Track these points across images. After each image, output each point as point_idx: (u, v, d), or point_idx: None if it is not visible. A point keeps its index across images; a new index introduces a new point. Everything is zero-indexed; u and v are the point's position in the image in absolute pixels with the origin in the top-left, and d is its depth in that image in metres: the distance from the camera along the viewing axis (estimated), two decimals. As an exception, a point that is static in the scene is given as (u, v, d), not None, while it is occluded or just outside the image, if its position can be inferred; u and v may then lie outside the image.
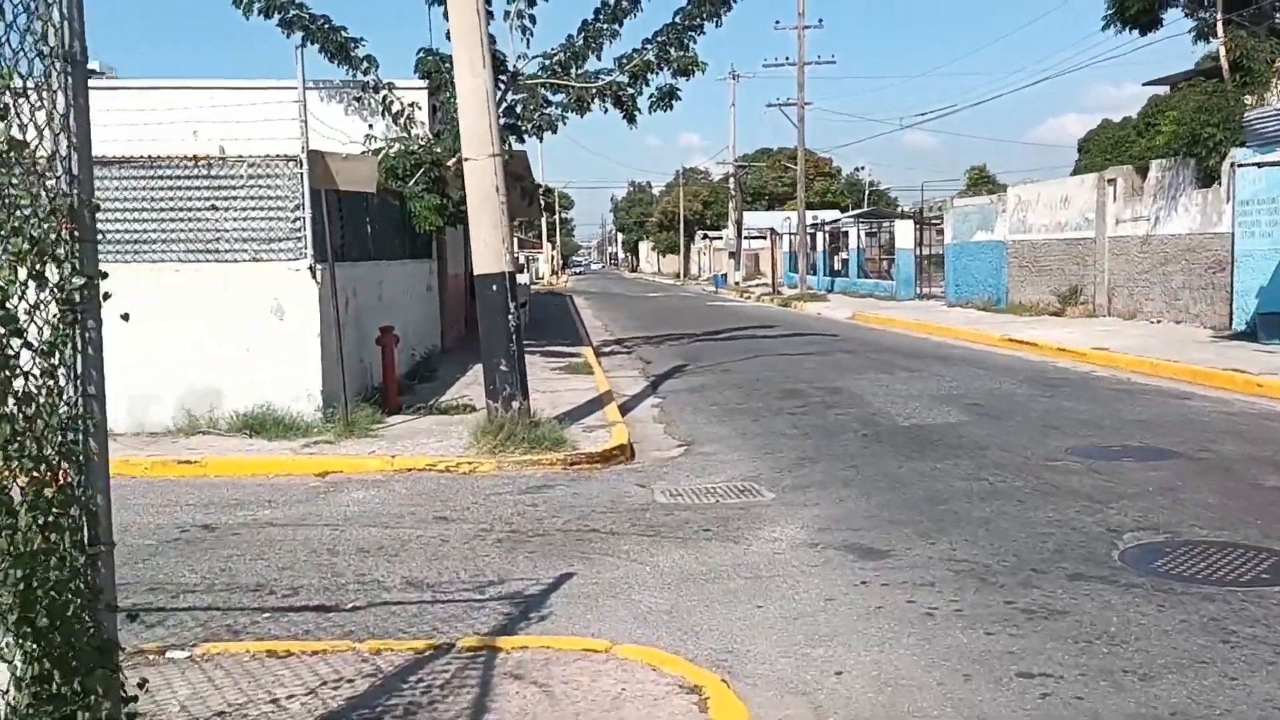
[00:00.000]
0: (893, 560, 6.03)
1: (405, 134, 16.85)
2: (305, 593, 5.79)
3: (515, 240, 13.99)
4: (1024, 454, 8.89)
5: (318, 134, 15.41)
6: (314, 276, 9.92)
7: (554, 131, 18.43)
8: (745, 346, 20.05)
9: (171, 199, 9.91)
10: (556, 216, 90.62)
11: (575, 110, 18.06)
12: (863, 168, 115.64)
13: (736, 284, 54.41)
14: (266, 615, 5.45)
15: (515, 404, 9.40)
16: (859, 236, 41.68)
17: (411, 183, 15.43)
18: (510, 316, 9.34)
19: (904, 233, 35.86)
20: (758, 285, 54.41)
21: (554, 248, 75.39)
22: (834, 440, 9.89)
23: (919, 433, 10.08)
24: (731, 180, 57.24)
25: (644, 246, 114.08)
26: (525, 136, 18.51)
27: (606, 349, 21.10)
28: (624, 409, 12.29)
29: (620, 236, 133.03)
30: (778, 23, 38.66)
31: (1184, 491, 7.43)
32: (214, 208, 9.91)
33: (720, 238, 76.44)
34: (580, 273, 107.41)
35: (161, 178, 9.85)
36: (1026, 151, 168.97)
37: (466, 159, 9.44)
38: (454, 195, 17.46)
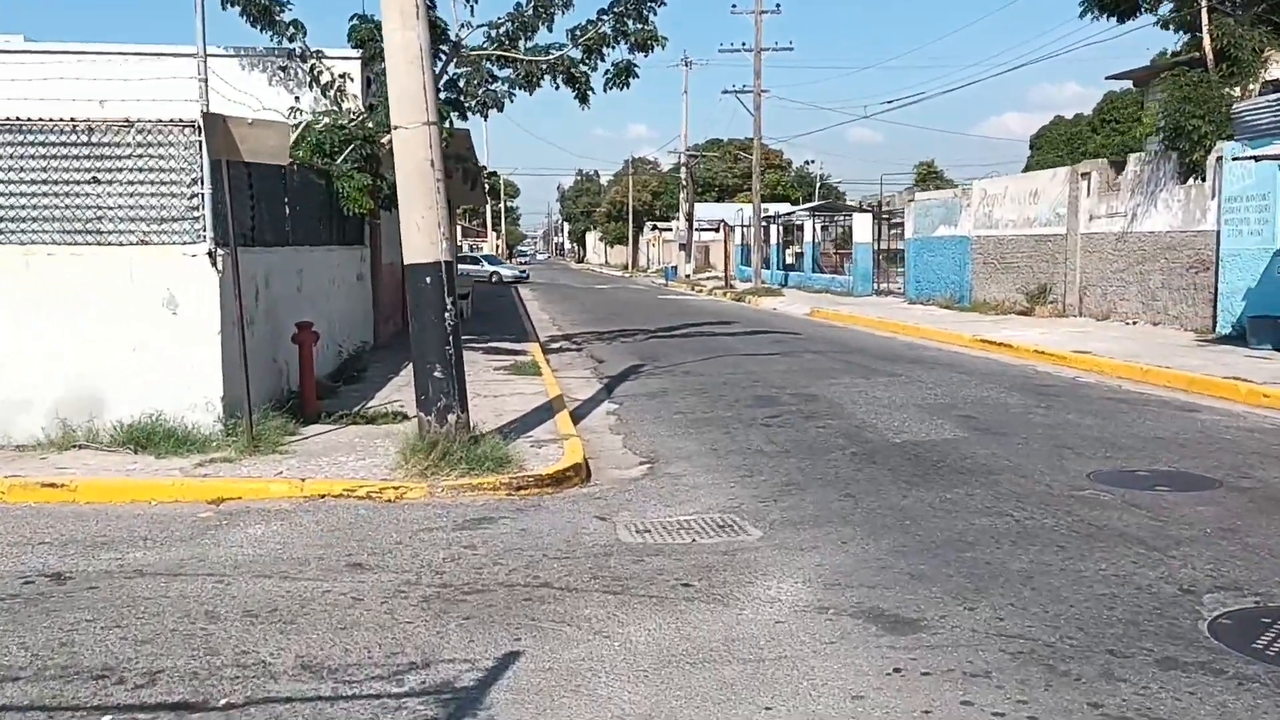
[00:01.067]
0: (927, 634, 4.75)
1: (335, 108, 15.29)
2: (166, 681, 4.36)
3: (456, 225, 12.30)
4: (1043, 481, 7.69)
5: (240, 105, 13.84)
6: (214, 263, 8.42)
7: (500, 109, 16.98)
8: (705, 345, 18.77)
9: (44, 169, 8.33)
10: (502, 204, 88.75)
11: (523, 87, 16.61)
12: (812, 160, 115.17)
13: (687, 276, 53.21)
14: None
15: (452, 416, 8.00)
16: (814, 230, 40.64)
17: (340, 160, 13.89)
18: (447, 314, 7.93)
19: (862, 227, 34.87)
20: (709, 278, 53.25)
21: (498, 236, 73.56)
22: (820, 460, 8.62)
23: (916, 451, 8.84)
24: (683, 170, 55.99)
25: (591, 237, 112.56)
26: (468, 114, 17.01)
27: (555, 345, 19.71)
28: (576, 417, 10.93)
29: (567, 226, 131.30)
30: (734, 6, 37.32)
31: (1249, 534, 6.26)
32: (95, 180, 8.36)
33: (670, 229, 75.22)
34: (526, 263, 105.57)
35: (32, 144, 8.27)
36: (970, 147, 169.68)
37: (396, 127, 8.00)
38: (388, 176, 15.95)
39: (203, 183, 8.37)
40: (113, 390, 8.38)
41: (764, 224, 48.88)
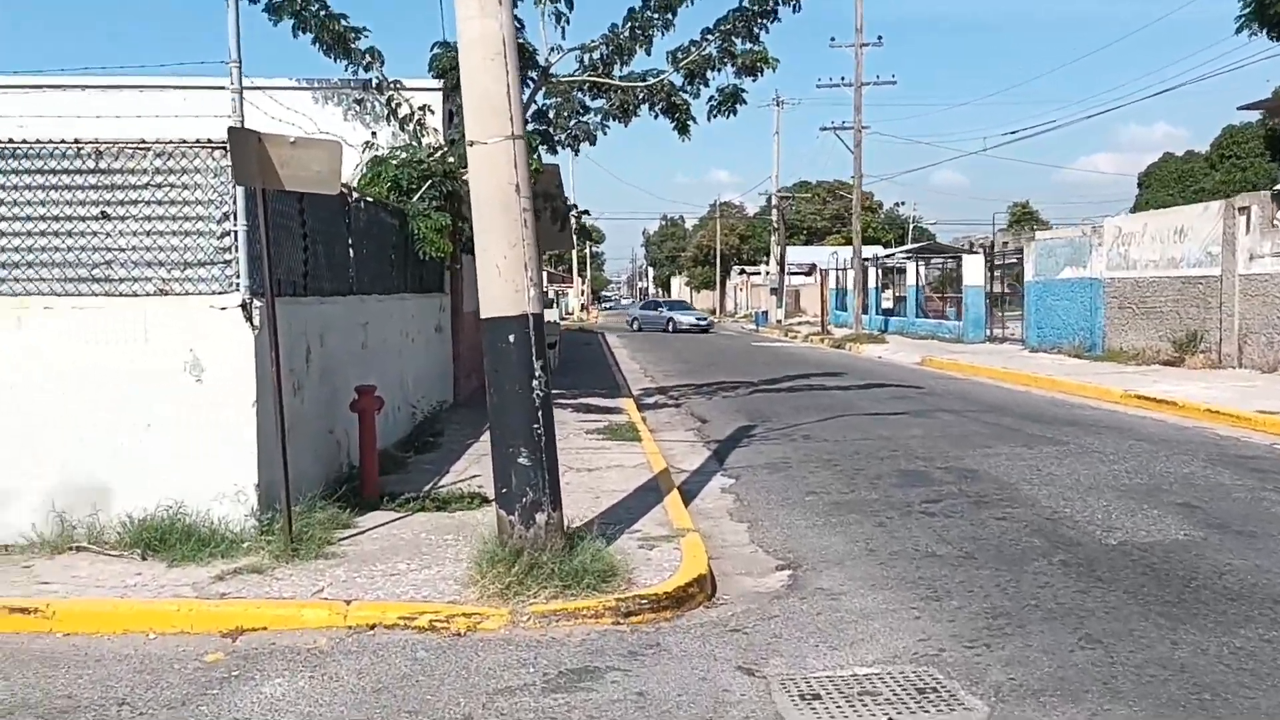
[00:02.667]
0: None
1: (415, 142, 13.78)
2: None
3: (542, 269, 10.46)
4: (1358, 615, 5.53)
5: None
6: (248, 317, 6.75)
7: (592, 143, 15.31)
8: (818, 401, 16.72)
9: (43, 203, 6.77)
10: (587, 248, 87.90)
11: (618, 117, 14.94)
12: (903, 202, 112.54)
13: (779, 322, 51.11)
14: None
15: (541, 516, 6.15)
16: (918, 273, 38.31)
17: (416, 198, 12.31)
18: (535, 382, 6.11)
19: (973, 269, 32.49)
20: (801, 323, 51.12)
21: (584, 281, 72.43)
22: (1022, 573, 6.54)
23: (1147, 561, 6.72)
24: (774, 212, 54.07)
25: (676, 282, 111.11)
26: (557, 148, 15.39)
27: (649, 400, 17.85)
28: (686, 495, 9.03)
29: (651, 272, 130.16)
30: (833, 40, 35.54)
31: None
32: (104, 215, 6.77)
33: (758, 273, 73.34)
34: (611, 308, 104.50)
35: (27, 171, 6.71)
36: (1058, 189, 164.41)
37: (472, 143, 6.27)
38: (469, 216, 14.36)
39: (235, 218, 6.72)
40: (122, 477, 6.73)
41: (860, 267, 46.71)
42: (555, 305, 53.67)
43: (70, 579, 6.08)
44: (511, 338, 6.11)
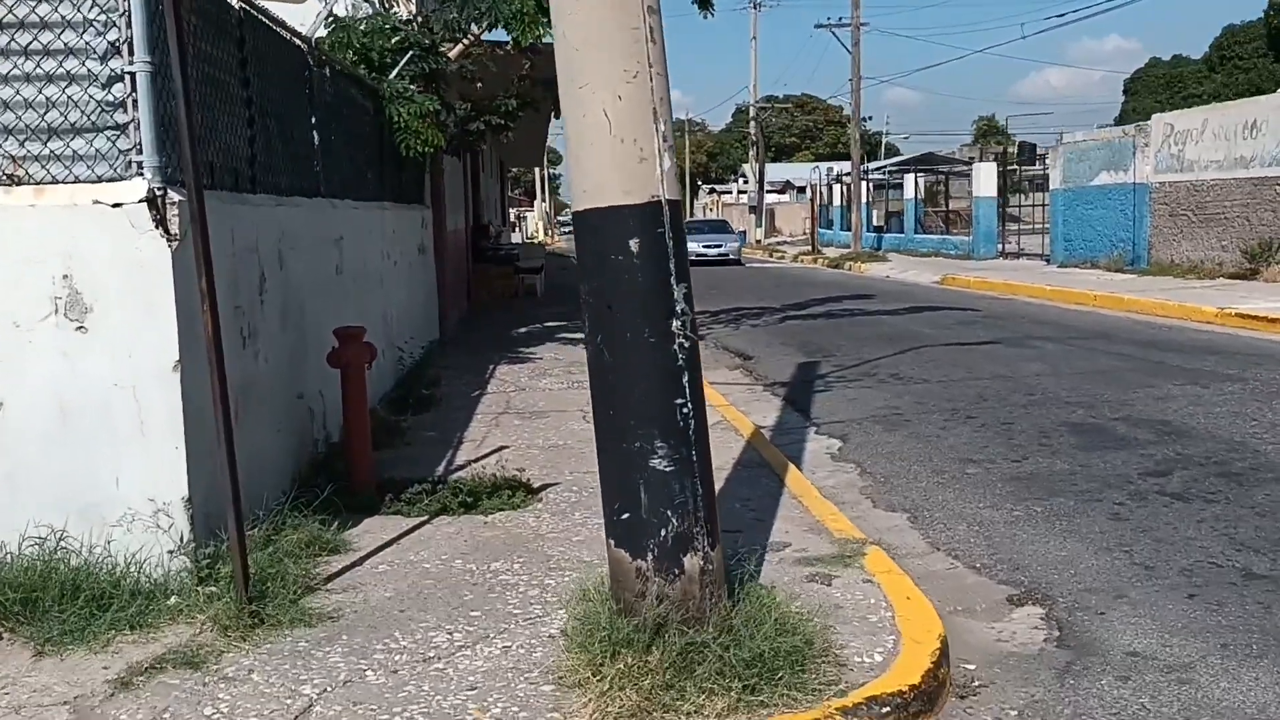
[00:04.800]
0: None
1: (384, 6, 10.79)
2: None
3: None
4: None
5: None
6: (160, 220, 3.96)
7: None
8: (874, 329, 14.14)
9: None
10: (541, 172, 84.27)
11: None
12: (869, 117, 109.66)
13: (758, 242, 48.40)
14: None
15: (692, 559, 3.48)
16: (916, 185, 35.68)
17: (394, 74, 9.40)
18: (677, 324, 3.42)
19: (985, 178, 29.92)
20: (782, 243, 48.48)
21: (548, 204, 69.04)
22: None
23: None
24: (752, 125, 50.96)
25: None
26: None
27: (666, 331, 15.16)
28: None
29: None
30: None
31: None
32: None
33: (729, 192, 70.39)
34: (570, 231, 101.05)
35: None
36: (1013, 106, 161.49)
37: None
38: (456, 106, 11.50)
39: (129, 49, 3.90)
40: (-44, 494, 3.98)
41: (844, 182, 44.01)
42: (517, 228, 50.66)
43: None
44: (635, 245, 3.39)
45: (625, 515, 3.47)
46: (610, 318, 3.44)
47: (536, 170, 56.89)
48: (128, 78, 3.95)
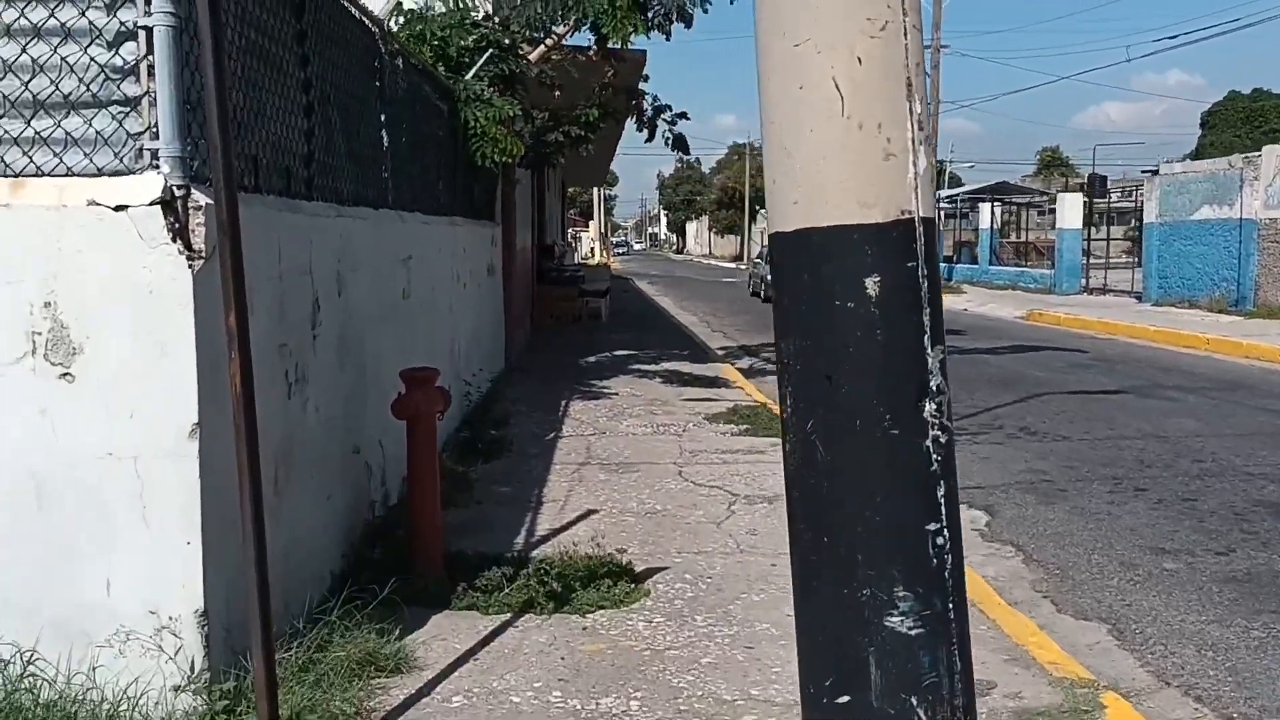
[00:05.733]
0: None
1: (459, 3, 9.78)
2: None
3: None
4: None
5: None
6: (179, 231, 2.87)
7: (687, 24, 11.24)
8: (973, 369, 12.82)
9: None
10: (600, 192, 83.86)
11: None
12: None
13: (820, 269, 46.88)
14: None
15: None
16: (993, 215, 34.19)
17: (471, 74, 8.36)
18: (930, 408, 2.24)
19: (1070, 209, 28.42)
20: (844, 271, 46.90)
21: (602, 225, 68.21)
22: None
23: None
24: (817, 149, 49.62)
25: (691, 227, 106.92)
26: (650, 26, 11.36)
27: (741, 363, 14.01)
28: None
29: (665, 216, 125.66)
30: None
31: None
32: None
33: (789, 217, 69.03)
34: (623, 253, 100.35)
35: None
36: (1073, 137, 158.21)
37: None
38: (535, 116, 10.47)
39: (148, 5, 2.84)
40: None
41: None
42: (572, 250, 49.76)
43: None
44: (874, 285, 2.23)
45: (843, 698, 2.29)
46: (829, 394, 2.28)
47: (595, 190, 56.04)
48: (142, 34, 2.89)
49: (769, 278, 18.56)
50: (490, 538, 5.27)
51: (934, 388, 2.28)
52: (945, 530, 2.29)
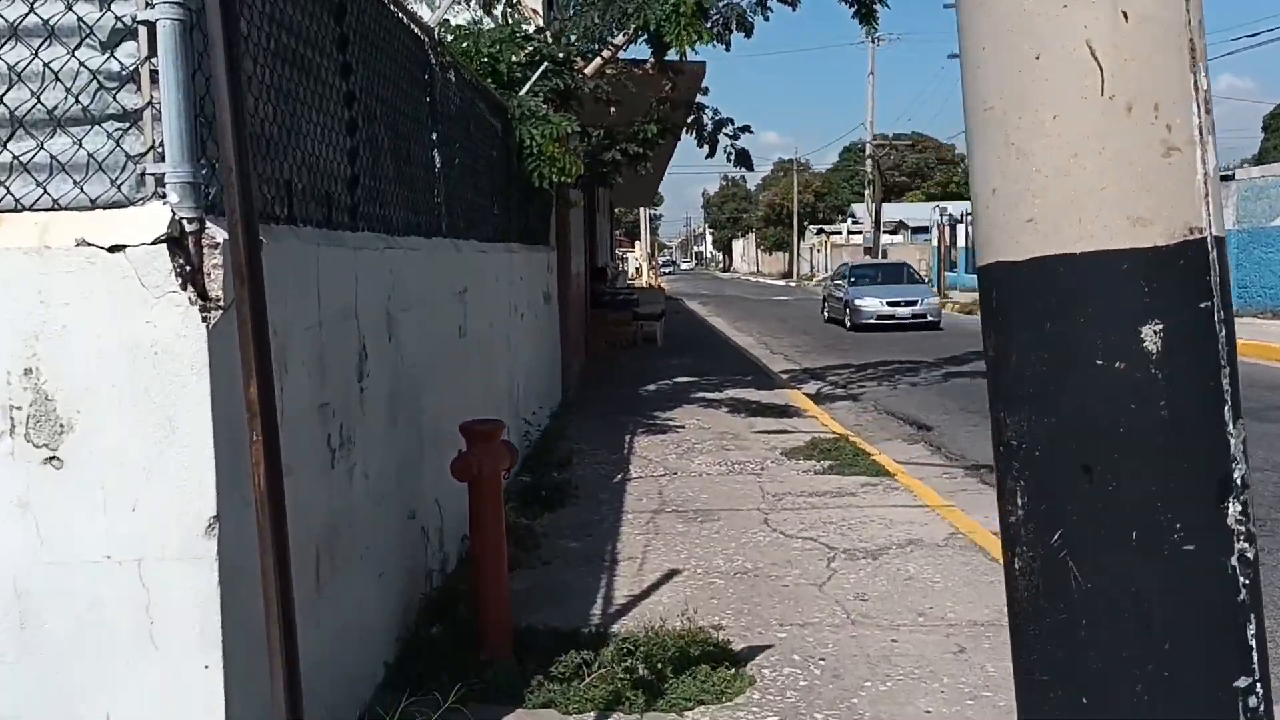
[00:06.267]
0: None
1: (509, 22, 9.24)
2: None
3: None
4: None
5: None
6: (189, 276, 2.26)
7: (747, 34, 10.61)
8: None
9: None
10: (646, 211, 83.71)
11: (787, -2, 10.28)
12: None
13: (873, 285, 46.04)
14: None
15: None
16: (1053, 225, 33.07)
17: (525, 89, 7.79)
18: (1237, 515, 1.55)
19: (1137, 218, 27.33)
20: (898, 286, 45.97)
21: (648, 245, 67.70)
22: None
23: None
24: (869, 163, 48.86)
25: (738, 244, 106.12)
26: (709, 39, 10.76)
27: (806, 388, 13.29)
28: None
29: (710, 234, 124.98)
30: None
31: None
32: None
33: (839, 232, 68.17)
34: (670, 272, 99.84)
35: None
36: None
37: None
38: (591, 132, 9.91)
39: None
40: None
41: (959, 220, 41.57)
42: (622, 271, 49.23)
43: None
44: (1152, 335, 1.56)
45: None
46: (1088, 493, 1.62)
47: (642, 210, 55.55)
48: (142, 32, 2.30)
49: (853, 301, 17.32)
50: (563, 609, 4.64)
51: (1238, 480, 1.60)
52: (1258, 687, 1.61)
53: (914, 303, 22.42)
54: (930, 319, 22.22)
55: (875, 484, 7.17)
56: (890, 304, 22.14)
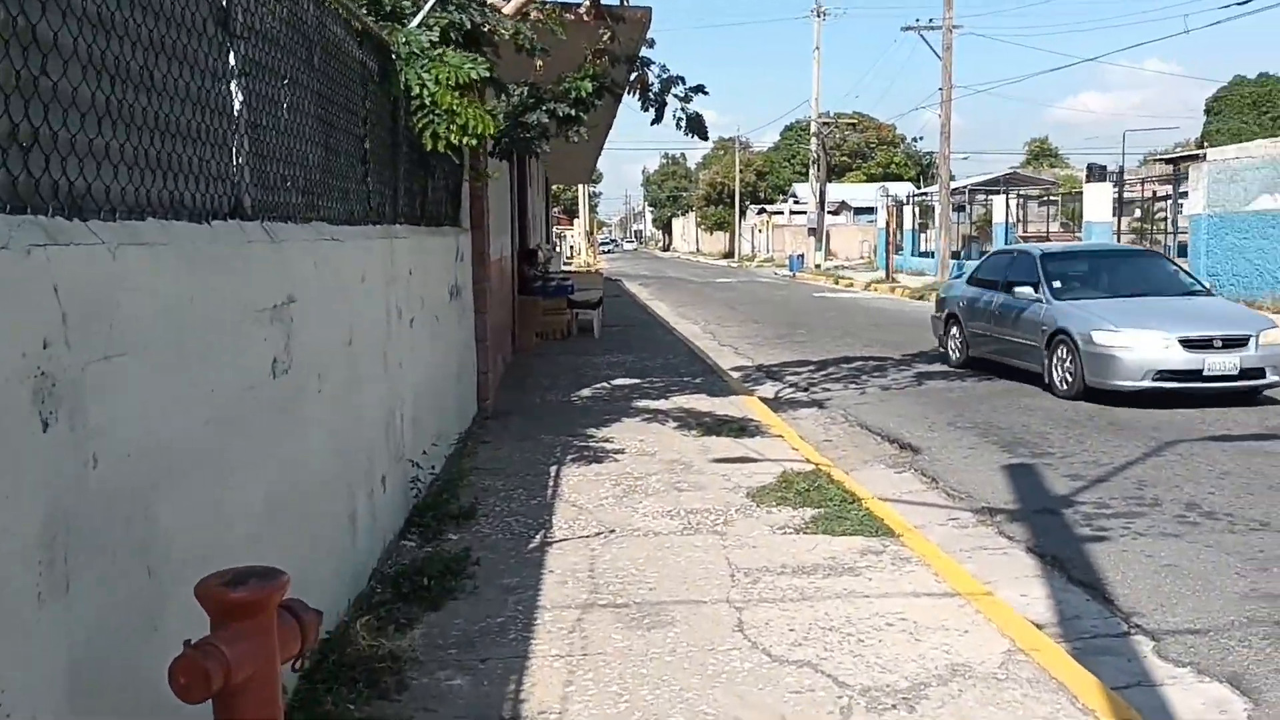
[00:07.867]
0: None
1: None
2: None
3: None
4: None
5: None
6: None
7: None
8: (1055, 400, 10.38)
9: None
10: (585, 188, 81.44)
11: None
12: (920, 138, 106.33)
13: (818, 267, 44.62)
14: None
15: None
16: (1007, 209, 31.80)
17: (417, 20, 5.84)
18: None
19: (1098, 201, 26.05)
20: (840, 268, 44.62)
21: (587, 223, 65.57)
22: None
23: None
24: (814, 142, 47.18)
25: (679, 223, 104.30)
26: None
27: (764, 390, 11.55)
28: None
29: (650, 213, 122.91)
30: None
31: None
32: None
33: (780, 212, 66.70)
34: (610, 252, 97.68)
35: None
36: (1053, 130, 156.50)
37: None
38: (512, 88, 8.02)
39: None
40: None
41: (911, 203, 40.31)
42: (558, 253, 47.09)
43: None
44: None
45: None
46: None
47: (581, 187, 53.46)
48: None
49: (1086, 336, 10.48)
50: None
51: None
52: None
53: (1239, 343, 10.12)
54: (1272, 379, 10.15)
55: (879, 552, 5.39)
56: (1192, 346, 10.06)
